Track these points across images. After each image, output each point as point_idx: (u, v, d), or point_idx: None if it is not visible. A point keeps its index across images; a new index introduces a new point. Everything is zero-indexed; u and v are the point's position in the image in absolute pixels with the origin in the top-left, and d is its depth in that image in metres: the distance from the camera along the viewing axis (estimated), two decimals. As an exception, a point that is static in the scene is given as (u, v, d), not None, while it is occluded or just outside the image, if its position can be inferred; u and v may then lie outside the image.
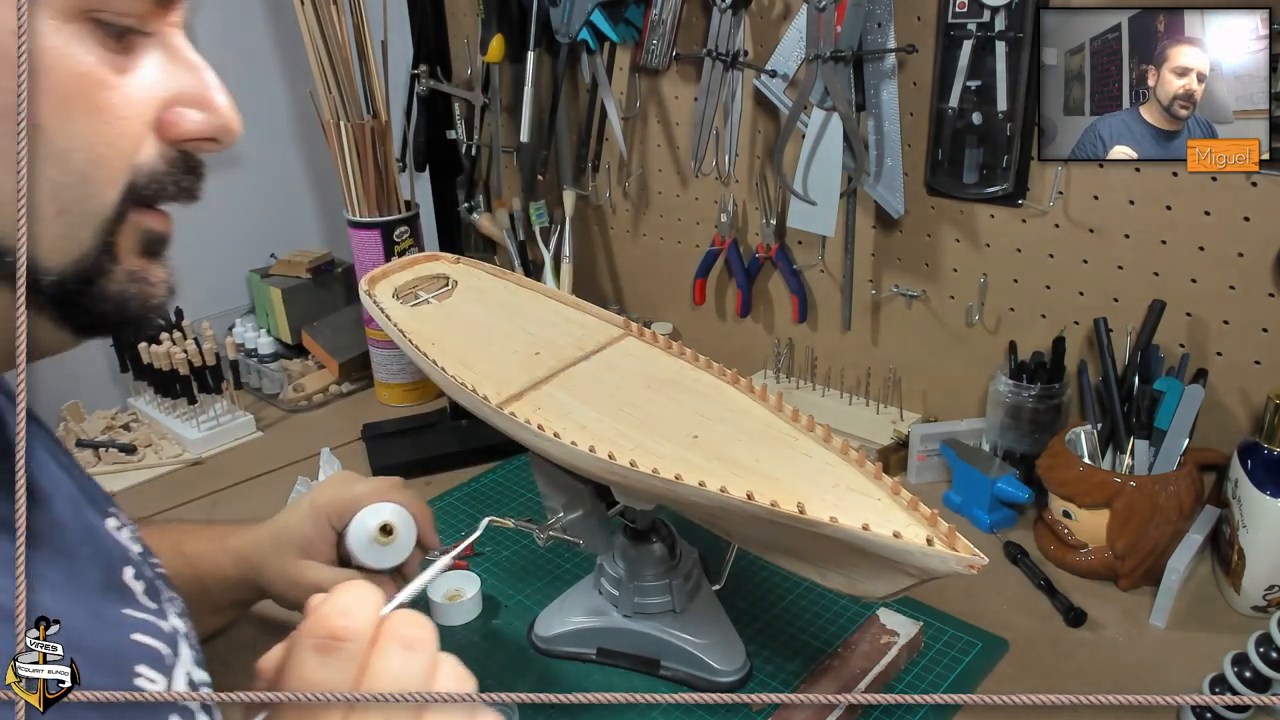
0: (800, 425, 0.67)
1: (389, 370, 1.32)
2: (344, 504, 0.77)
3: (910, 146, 1.05)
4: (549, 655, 0.84)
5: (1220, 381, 0.92)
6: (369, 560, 0.75)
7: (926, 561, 0.54)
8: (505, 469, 1.15)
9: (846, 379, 1.19)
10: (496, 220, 1.36)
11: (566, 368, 0.78)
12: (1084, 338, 1.00)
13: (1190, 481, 0.87)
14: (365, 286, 0.92)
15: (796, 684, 0.79)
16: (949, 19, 0.96)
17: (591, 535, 0.80)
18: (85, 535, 0.50)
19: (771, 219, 1.19)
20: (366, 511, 0.76)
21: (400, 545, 0.75)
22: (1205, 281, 0.91)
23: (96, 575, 0.48)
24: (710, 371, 0.75)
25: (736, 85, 1.15)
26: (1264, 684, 0.69)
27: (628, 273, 1.42)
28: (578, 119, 1.36)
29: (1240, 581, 0.83)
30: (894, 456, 1.08)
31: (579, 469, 0.70)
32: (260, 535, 0.79)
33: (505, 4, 1.31)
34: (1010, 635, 0.83)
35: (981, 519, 0.98)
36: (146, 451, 1.21)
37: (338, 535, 0.78)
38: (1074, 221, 0.97)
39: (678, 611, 0.81)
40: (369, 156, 1.23)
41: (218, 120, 0.45)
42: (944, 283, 1.09)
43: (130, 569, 0.52)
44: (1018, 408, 1.00)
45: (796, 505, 0.56)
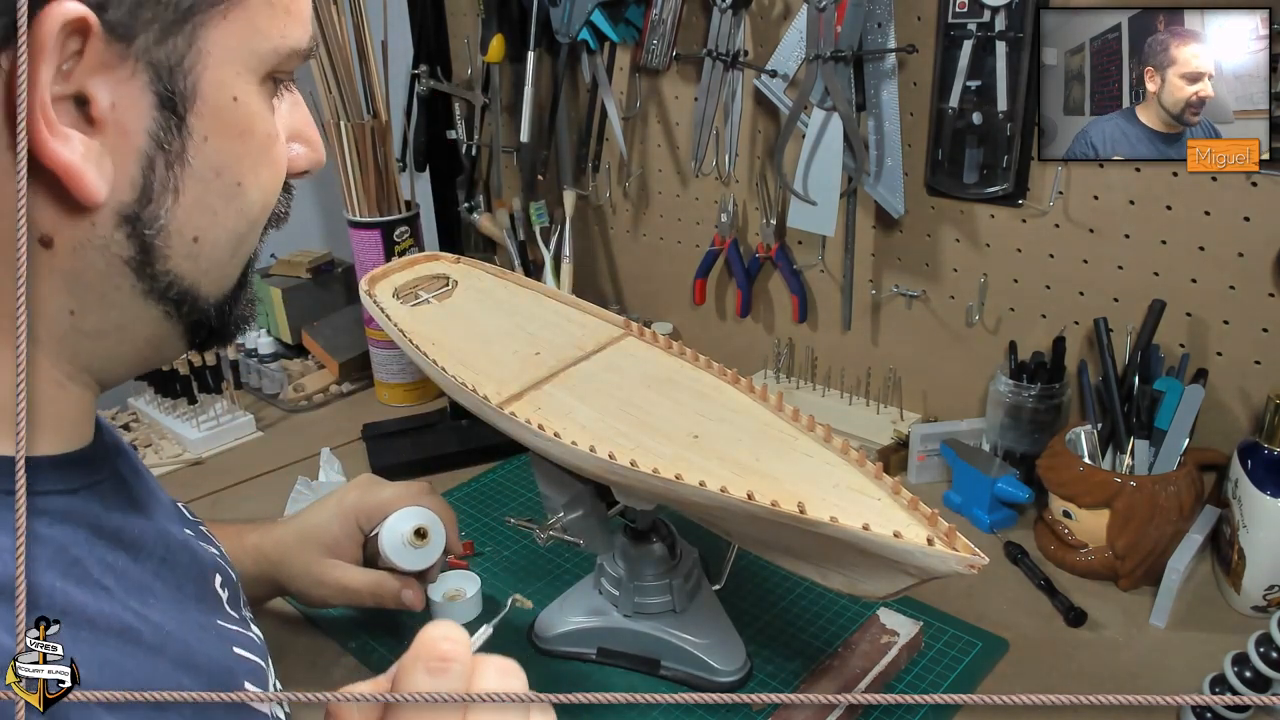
0: (800, 425, 0.67)
1: (389, 370, 1.32)
2: (373, 507, 0.80)
3: (910, 146, 1.05)
4: (549, 655, 0.84)
5: (1220, 381, 0.92)
6: (402, 562, 0.79)
7: (927, 561, 0.54)
8: (505, 469, 1.15)
9: (846, 379, 1.19)
10: (496, 220, 1.36)
11: (567, 368, 0.78)
12: (1084, 338, 1.00)
13: (1190, 481, 0.86)
14: (365, 286, 0.92)
15: (796, 684, 0.79)
16: (949, 19, 0.96)
17: (591, 535, 0.80)
18: (183, 543, 0.52)
19: (771, 219, 1.19)
20: (400, 515, 0.79)
21: (433, 549, 0.80)
22: (1205, 281, 0.91)
23: (192, 585, 0.50)
24: (710, 371, 0.75)
25: (736, 85, 1.15)
26: (1264, 684, 0.69)
27: (628, 273, 1.42)
28: (578, 119, 1.36)
29: (1240, 581, 0.83)
30: (894, 456, 1.08)
31: (579, 469, 0.70)
32: (283, 533, 0.81)
33: (505, 4, 1.31)
34: (1010, 635, 0.83)
35: (981, 519, 0.98)
36: (147, 451, 1.21)
37: (364, 536, 0.80)
38: (1074, 221, 0.97)
39: (678, 611, 0.81)
40: (369, 156, 1.23)
41: (317, 155, 0.51)
42: (944, 283, 1.09)
43: (218, 576, 0.54)
44: (1018, 408, 1.00)
45: (797, 505, 0.56)
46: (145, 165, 0.41)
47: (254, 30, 0.43)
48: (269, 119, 0.46)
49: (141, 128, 0.41)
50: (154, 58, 0.40)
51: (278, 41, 0.44)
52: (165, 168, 0.42)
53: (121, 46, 0.39)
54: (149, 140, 0.41)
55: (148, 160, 0.41)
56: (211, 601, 0.52)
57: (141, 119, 0.41)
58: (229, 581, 0.56)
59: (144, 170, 0.41)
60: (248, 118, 0.44)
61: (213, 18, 0.41)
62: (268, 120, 0.46)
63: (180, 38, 0.41)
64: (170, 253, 0.43)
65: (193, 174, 0.43)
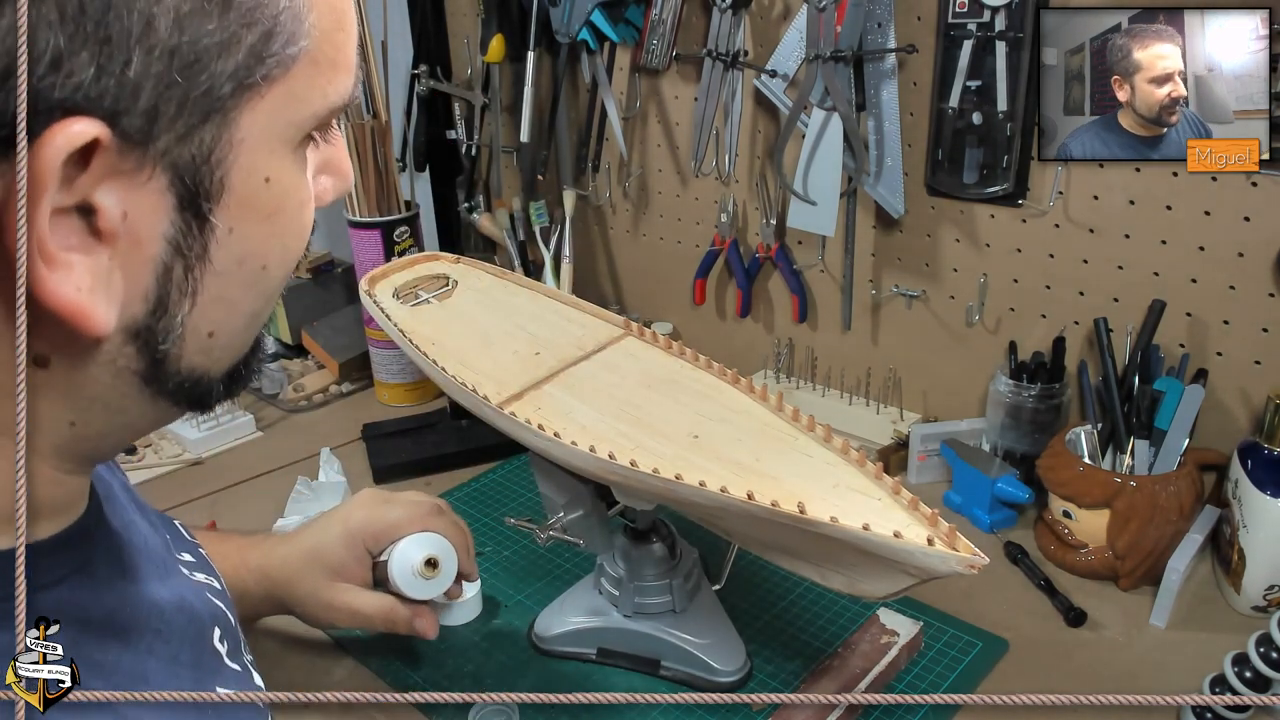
0: (800, 425, 0.67)
1: (389, 370, 1.32)
2: (381, 530, 0.77)
3: (910, 146, 1.05)
4: (549, 655, 0.84)
5: (1220, 381, 0.92)
6: (413, 593, 0.76)
7: (927, 561, 0.54)
8: (505, 469, 1.14)
9: (846, 379, 1.19)
10: (496, 220, 1.36)
11: (566, 368, 0.78)
12: (1084, 338, 1.00)
13: (1190, 481, 0.86)
14: (365, 286, 0.92)
15: (796, 684, 0.79)
16: (949, 19, 0.96)
17: (591, 535, 0.80)
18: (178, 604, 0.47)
19: (771, 219, 1.19)
20: (410, 542, 0.76)
21: (444, 578, 0.77)
22: (1205, 281, 0.91)
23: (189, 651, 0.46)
24: (710, 371, 0.75)
25: (736, 85, 1.15)
26: (1264, 684, 0.69)
27: (628, 273, 1.42)
28: (578, 119, 1.36)
29: (1240, 581, 0.83)
30: (894, 456, 1.08)
31: (579, 469, 0.70)
32: (288, 553, 0.78)
33: (505, 4, 1.31)
34: (1010, 635, 0.83)
35: (981, 519, 0.98)
36: (146, 451, 1.21)
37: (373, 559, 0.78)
38: (1074, 221, 0.97)
39: (678, 611, 0.81)
40: (369, 156, 1.23)
41: (345, 184, 0.45)
42: (944, 283, 1.09)
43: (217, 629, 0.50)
44: (1018, 408, 1.00)
45: (797, 505, 0.56)
46: (161, 275, 0.36)
47: (294, 100, 0.37)
48: (303, 185, 0.40)
49: (158, 234, 0.35)
50: (177, 158, 0.34)
51: (319, 104, 0.38)
52: (184, 272, 0.36)
53: (138, 152, 0.33)
54: (166, 247, 0.35)
55: (164, 269, 0.36)
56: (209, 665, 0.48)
57: (158, 225, 0.35)
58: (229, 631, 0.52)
59: (159, 280, 0.36)
60: (280, 196, 0.38)
61: (248, 100, 0.35)
62: (301, 188, 0.40)
63: (207, 131, 0.34)
64: (183, 353, 0.38)
65: (213, 271, 0.37)
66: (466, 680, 0.81)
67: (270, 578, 0.77)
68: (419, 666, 0.83)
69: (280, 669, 0.82)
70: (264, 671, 0.54)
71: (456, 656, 0.84)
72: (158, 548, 0.50)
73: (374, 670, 0.83)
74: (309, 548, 0.78)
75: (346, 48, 0.39)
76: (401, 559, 0.76)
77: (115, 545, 0.45)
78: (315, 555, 0.77)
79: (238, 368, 0.42)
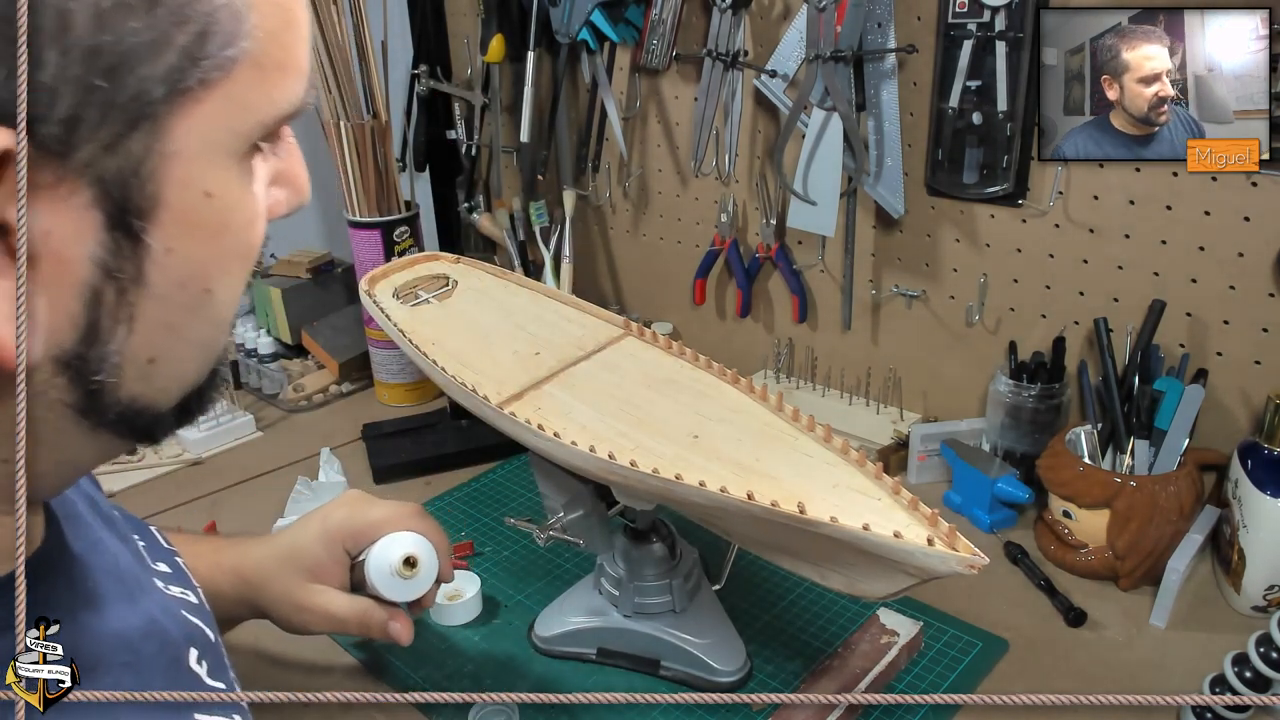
0: (800, 425, 0.67)
1: (389, 370, 1.32)
2: (360, 529, 0.73)
3: (910, 146, 1.05)
4: (549, 655, 0.84)
5: (1220, 381, 0.92)
6: (389, 593, 0.72)
7: (927, 561, 0.54)
8: (505, 469, 1.15)
9: (846, 379, 1.19)
10: (496, 220, 1.36)
11: (566, 368, 0.78)
12: (1084, 338, 1.00)
13: (1190, 481, 0.86)
14: (365, 286, 0.92)
15: (796, 684, 0.79)
16: (949, 19, 0.96)
17: (591, 535, 0.80)
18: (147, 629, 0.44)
19: (771, 219, 1.19)
20: (388, 541, 0.72)
21: (423, 579, 0.73)
22: (1205, 281, 0.91)
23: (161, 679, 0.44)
24: (710, 371, 0.75)
25: (736, 85, 1.15)
26: (1264, 684, 0.69)
27: (628, 273, 1.42)
28: (578, 119, 1.36)
29: (1240, 581, 0.83)
30: (894, 456, 1.08)
31: (579, 469, 0.70)
32: (263, 554, 0.74)
33: (505, 4, 1.31)
34: (1010, 635, 0.83)
35: (981, 519, 0.98)
36: (146, 451, 1.21)
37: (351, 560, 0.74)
38: (1074, 221, 0.97)
39: (678, 611, 0.81)
40: (369, 156, 1.23)
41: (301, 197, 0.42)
42: (944, 283, 1.09)
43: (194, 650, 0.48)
44: (1018, 408, 1.00)
45: (797, 505, 0.56)
46: (89, 300, 0.33)
47: (236, 107, 0.34)
48: (249, 201, 0.37)
49: (84, 254, 0.32)
50: (102, 170, 0.31)
51: (265, 112, 0.35)
52: (116, 296, 0.33)
53: (56, 164, 0.30)
54: (94, 269, 0.32)
55: (93, 293, 0.33)
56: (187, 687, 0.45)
57: (84, 244, 0.32)
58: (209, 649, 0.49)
59: (88, 306, 0.33)
60: (224, 212, 0.35)
61: (181, 107, 0.32)
62: (248, 204, 0.37)
63: (136, 140, 0.31)
64: (121, 381, 0.35)
65: (150, 295, 0.34)
66: (466, 680, 0.81)
67: (244, 579, 0.73)
68: (419, 666, 0.83)
69: (280, 669, 0.82)
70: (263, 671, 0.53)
71: (456, 656, 0.84)
72: (128, 565, 0.48)
73: (374, 670, 0.83)
74: (284, 548, 0.74)
75: (296, 49, 0.36)
76: (378, 557, 0.72)
77: (77, 574, 0.42)
78: (291, 555, 0.73)
79: (189, 400, 0.40)
